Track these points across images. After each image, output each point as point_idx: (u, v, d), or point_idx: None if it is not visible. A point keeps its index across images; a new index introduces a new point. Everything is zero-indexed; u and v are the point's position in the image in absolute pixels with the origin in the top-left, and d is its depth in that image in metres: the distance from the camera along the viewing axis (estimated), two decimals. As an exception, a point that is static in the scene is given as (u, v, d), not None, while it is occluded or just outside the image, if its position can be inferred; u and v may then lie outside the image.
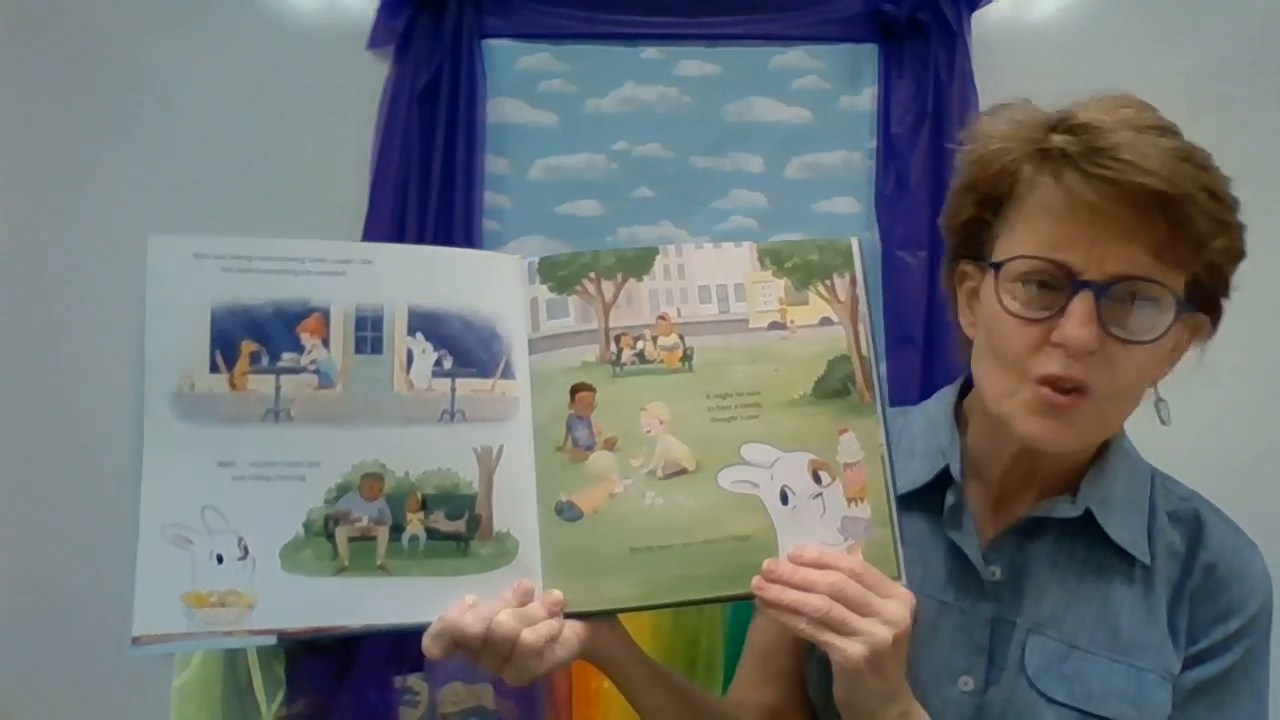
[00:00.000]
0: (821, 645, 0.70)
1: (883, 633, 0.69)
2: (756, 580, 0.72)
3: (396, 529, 0.71)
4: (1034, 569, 0.82)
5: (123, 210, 1.95)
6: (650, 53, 1.99)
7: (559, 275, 0.78)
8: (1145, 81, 1.95)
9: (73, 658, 1.85)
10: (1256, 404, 1.87)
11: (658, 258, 0.78)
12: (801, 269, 0.77)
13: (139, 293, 2.04)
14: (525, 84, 1.98)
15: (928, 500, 0.86)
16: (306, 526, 0.70)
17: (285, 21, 1.99)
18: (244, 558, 0.68)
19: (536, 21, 1.98)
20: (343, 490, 0.71)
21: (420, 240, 1.89)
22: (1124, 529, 0.82)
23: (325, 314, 0.72)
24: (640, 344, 0.76)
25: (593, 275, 0.78)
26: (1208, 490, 0.90)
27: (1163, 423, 0.86)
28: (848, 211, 1.96)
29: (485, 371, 0.75)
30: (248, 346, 0.71)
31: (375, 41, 1.96)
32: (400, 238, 1.90)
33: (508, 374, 0.75)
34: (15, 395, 1.93)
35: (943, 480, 0.86)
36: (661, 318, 0.77)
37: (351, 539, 0.71)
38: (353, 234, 1.91)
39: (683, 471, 0.74)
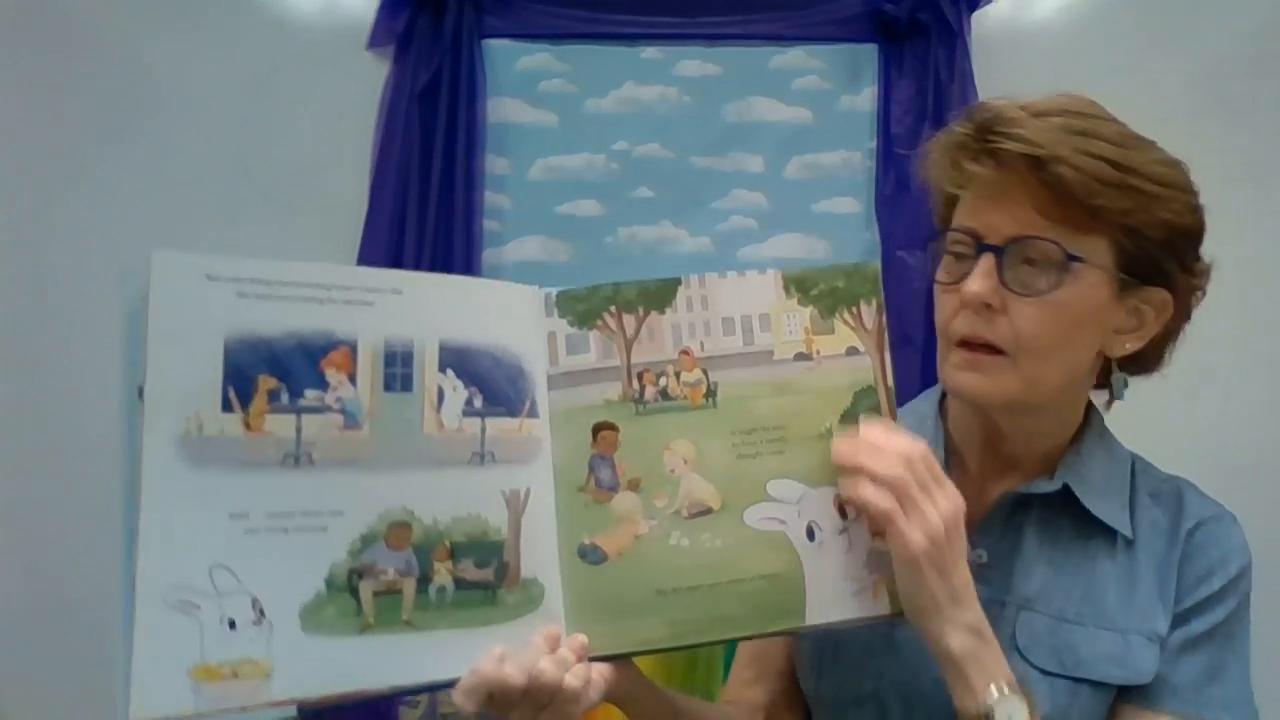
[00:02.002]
0: (887, 526, 0.70)
1: (934, 520, 0.70)
2: (835, 448, 0.73)
3: (423, 580, 0.66)
4: (1020, 550, 0.84)
5: (123, 210, 1.95)
6: (650, 53, 1.99)
7: (579, 309, 0.74)
8: (1145, 81, 1.97)
9: (71, 659, 1.84)
10: (1257, 404, 1.87)
11: (680, 289, 0.75)
12: (827, 296, 0.76)
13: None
14: (525, 84, 1.98)
15: None
16: (329, 582, 0.63)
17: (285, 21, 1.99)
18: (259, 621, 0.61)
19: (536, 21, 1.98)
20: (368, 541, 0.65)
21: (420, 240, 1.89)
22: (1104, 505, 0.84)
23: (352, 348, 0.65)
24: (663, 380, 0.74)
25: (614, 309, 0.74)
26: (1207, 489, 0.91)
27: (1115, 397, 0.89)
28: (848, 211, 1.96)
29: (513, 410, 0.71)
30: (266, 382, 0.63)
31: (375, 41, 1.96)
32: (400, 238, 1.90)
33: (533, 413, 0.72)
34: (15, 395, 1.93)
35: None
36: (685, 352, 0.74)
37: (377, 593, 0.64)
38: (353, 234, 1.91)
39: (708, 511, 0.73)
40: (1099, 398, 0.92)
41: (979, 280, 0.78)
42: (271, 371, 0.63)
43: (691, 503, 0.73)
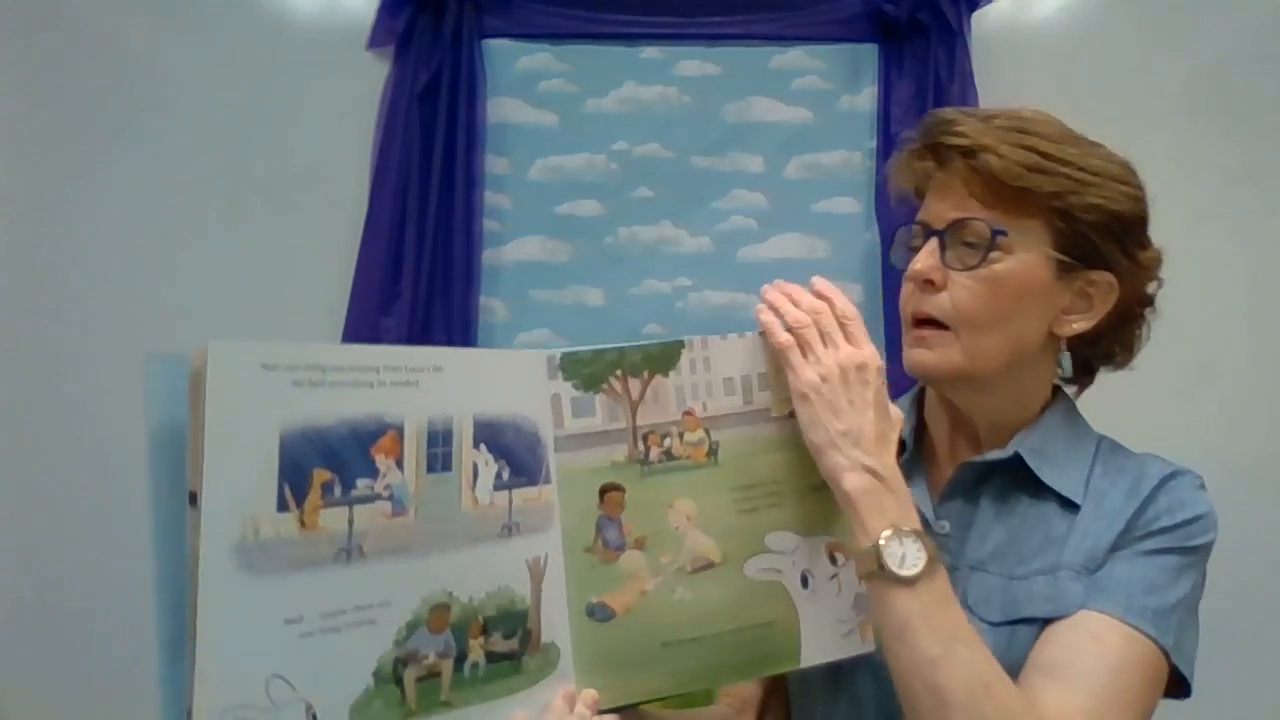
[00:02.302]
0: (784, 362, 0.77)
1: (829, 361, 0.76)
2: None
3: (459, 659, 0.66)
4: (979, 519, 0.89)
5: (123, 210, 1.95)
6: (650, 53, 1.99)
7: (584, 373, 0.74)
8: (1145, 81, 1.97)
9: (71, 660, 1.85)
10: (1257, 404, 1.88)
11: (684, 352, 0.77)
12: None
13: (138, 293, 2.04)
14: (525, 84, 1.98)
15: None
16: (376, 674, 0.61)
17: (285, 21, 1.99)
18: None
19: (536, 21, 1.98)
20: (412, 628, 0.63)
21: (420, 240, 1.90)
22: (1059, 475, 0.87)
23: (400, 431, 0.64)
24: (668, 441, 0.76)
25: (619, 373, 0.75)
26: (1209, 489, 0.91)
27: (1061, 373, 0.94)
28: (848, 211, 1.96)
29: (534, 479, 0.71)
30: (320, 475, 0.60)
31: (375, 41, 1.97)
32: (400, 238, 1.90)
33: (548, 479, 0.72)
34: (15, 396, 1.93)
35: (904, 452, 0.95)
36: (688, 413, 0.76)
37: (419, 679, 0.63)
38: (353, 234, 1.91)
39: (710, 565, 0.75)
40: (1071, 387, 0.96)
41: (922, 259, 0.86)
42: (326, 464, 0.60)
43: (695, 558, 0.75)
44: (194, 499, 0.56)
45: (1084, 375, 0.95)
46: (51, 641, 1.86)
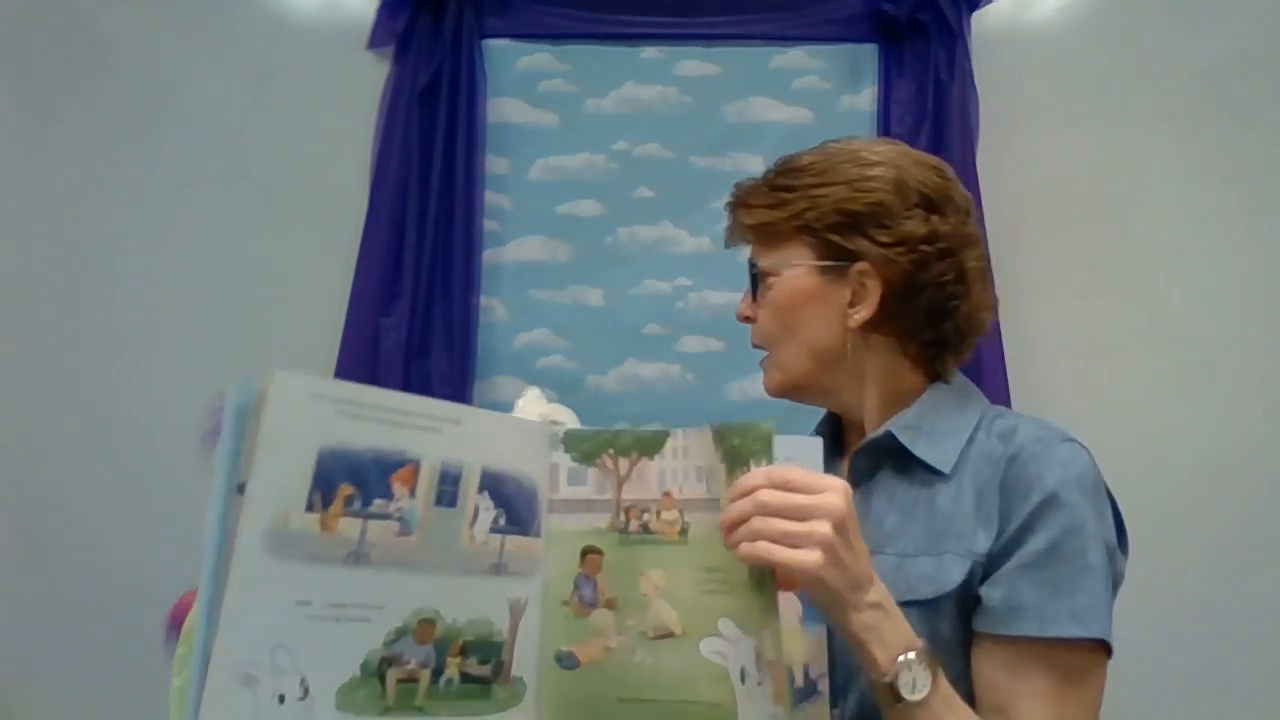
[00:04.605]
0: (777, 565, 0.75)
1: (824, 530, 0.73)
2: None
3: (436, 671, 0.75)
4: (875, 503, 0.94)
5: (123, 210, 1.95)
6: (650, 53, 1.99)
7: (582, 448, 0.85)
8: (1145, 81, 1.97)
9: (73, 657, 1.85)
10: (1257, 404, 1.88)
11: (669, 440, 0.84)
12: (731, 454, 0.81)
13: (138, 293, 2.04)
14: (525, 84, 1.99)
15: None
16: (363, 667, 0.72)
17: (285, 21, 1.99)
18: (304, 698, 0.68)
19: (536, 21, 1.98)
20: (400, 634, 0.74)
21: (420, 239, 1.90)
22: (934, 449, 0.93)
23: (417, 466, 0.75)
24: (646, 516, 0.84)
25: (612, 452, 0.85)
26: (1209, 489, 0.91)
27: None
28: (848, 211, 1.96)
29: (526, 530, 0.82)
30: (345, 489, 0.72)
31: (375, 41, 1.97)
32: (400, 238, 1.90)
33: (538, 533, 0.83)
34: (16, 394, 1.93)
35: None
36: (666, 494, 0.83)
37: (399, 680, 0.73)
38: (353, 234, 1.91)
39: (670, 635, 0.81)
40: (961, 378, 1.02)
41: (741, 302, 1.01)
42: (351, 480, 0.72)
43: (658, 625, 0.81)
44: (242, 488, 0.68)
45: (949, 354, 0.99)
46: (56, 639, 1.86)
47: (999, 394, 1.79)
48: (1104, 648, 0.83)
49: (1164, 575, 1.77)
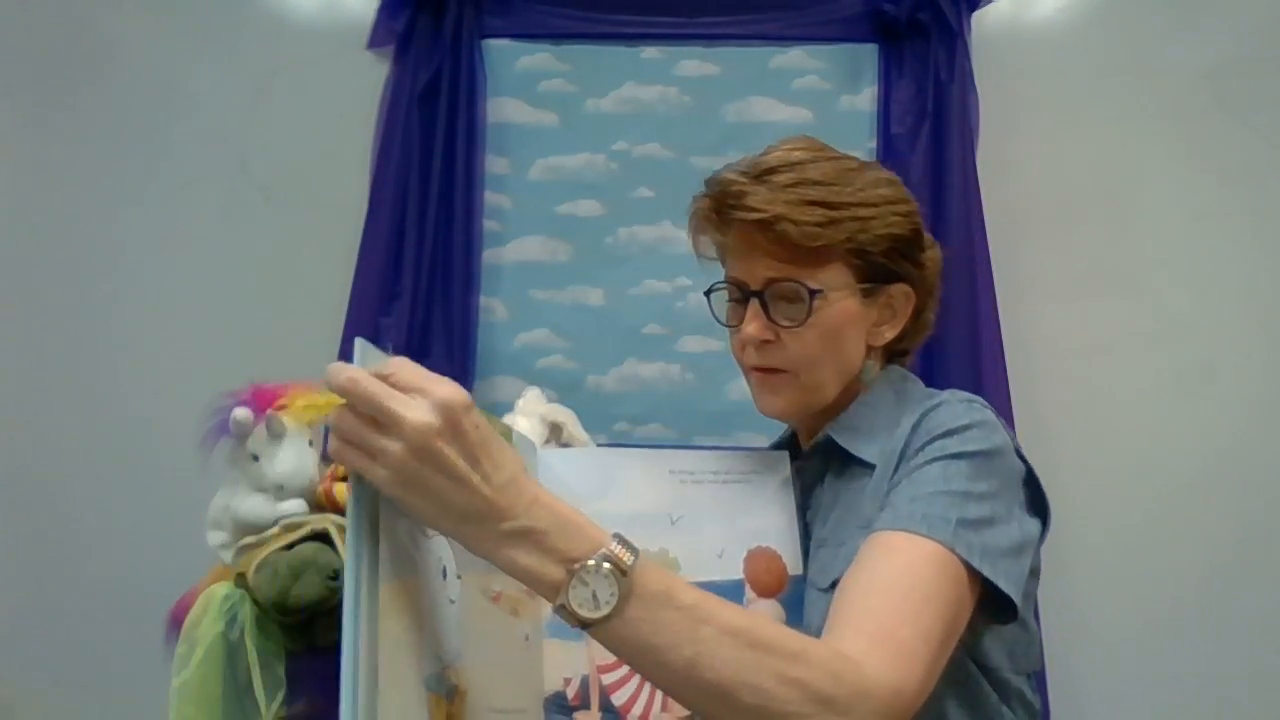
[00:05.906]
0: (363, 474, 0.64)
1: (394, 448, 0.62)
2: None
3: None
4: (823, 503, 0.98)
5: (124, 210, 1.95)
6: (650, 53, 1.99)
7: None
8: (1144, 81, 1.97)
9: (73, 657, 1.85)
10: (1257, 404, 1.87)
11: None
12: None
13: (138, 293, 2.04)
14: (525, 84, 1.98)
15: None
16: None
17: (285, 21, 1.99)
18: None
19: (536, 21, 1.98)
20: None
21: (420, 240, 1.90)
22: (867, 444, 0.95)
23: None
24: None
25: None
26: (1209, 489, 0.91)
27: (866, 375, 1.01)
28: (848, 211, 1.96)
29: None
30: None
31: (375, 41, 1.97)
32: (400, 238, 1.90)
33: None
34: (16, 394, 1.93)
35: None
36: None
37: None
38: (353, 234, 1.91)
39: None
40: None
41: (752, 323, 0.95)
42: None
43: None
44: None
45: (909, 356, 1.06)
46: (56, 639, 1.86)
47: (999, 394, 1.78)
48: (959, 564, 0.79)
49: (1164, 575, 1.78)
